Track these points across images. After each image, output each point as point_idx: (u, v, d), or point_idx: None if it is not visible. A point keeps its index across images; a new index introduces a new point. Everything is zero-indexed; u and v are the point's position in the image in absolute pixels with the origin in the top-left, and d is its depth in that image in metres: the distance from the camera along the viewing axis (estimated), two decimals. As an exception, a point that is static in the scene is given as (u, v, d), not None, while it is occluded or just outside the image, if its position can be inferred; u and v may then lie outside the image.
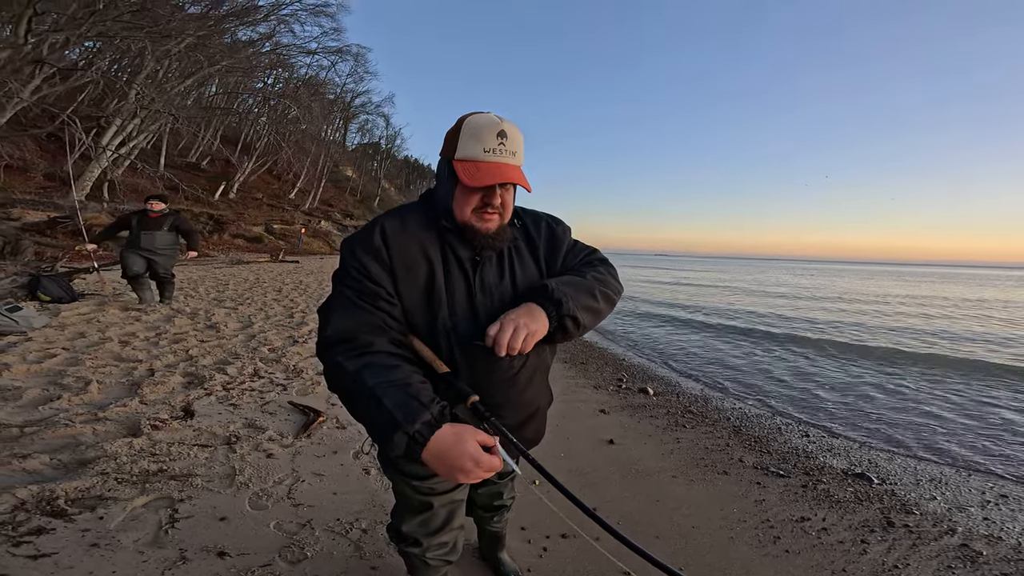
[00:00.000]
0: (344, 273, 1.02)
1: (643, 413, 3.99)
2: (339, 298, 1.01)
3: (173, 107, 17.58)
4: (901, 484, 2.93)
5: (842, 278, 42.71)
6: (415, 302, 1.02)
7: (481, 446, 0.86)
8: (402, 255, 1.01)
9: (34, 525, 1.69)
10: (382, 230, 1.02)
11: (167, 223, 6.06)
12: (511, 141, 0.99)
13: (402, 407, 0.85)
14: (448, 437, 0.84)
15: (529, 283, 1.10)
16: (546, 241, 1.17)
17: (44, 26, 11.97)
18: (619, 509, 2.37)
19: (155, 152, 21.73)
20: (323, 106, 31.15)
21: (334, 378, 0.96)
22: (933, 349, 8.52)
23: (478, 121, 0.99)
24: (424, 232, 1.05)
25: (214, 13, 18.00)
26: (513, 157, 1.00)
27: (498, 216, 1.04)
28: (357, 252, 1.01)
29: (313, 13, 22.71)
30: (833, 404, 4.93)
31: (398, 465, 1.12)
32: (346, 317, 0.98)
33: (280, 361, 4.19)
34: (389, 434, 0.85)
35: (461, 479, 0.84)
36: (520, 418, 1.15)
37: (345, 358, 0.93)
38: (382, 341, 0.97)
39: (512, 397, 1.11)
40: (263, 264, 15.74)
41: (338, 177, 43.95)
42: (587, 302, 1.06)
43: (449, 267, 1.04)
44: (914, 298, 21.53)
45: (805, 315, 13.53)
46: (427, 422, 0.85)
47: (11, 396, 2.83)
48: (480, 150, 0.97)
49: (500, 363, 1.05)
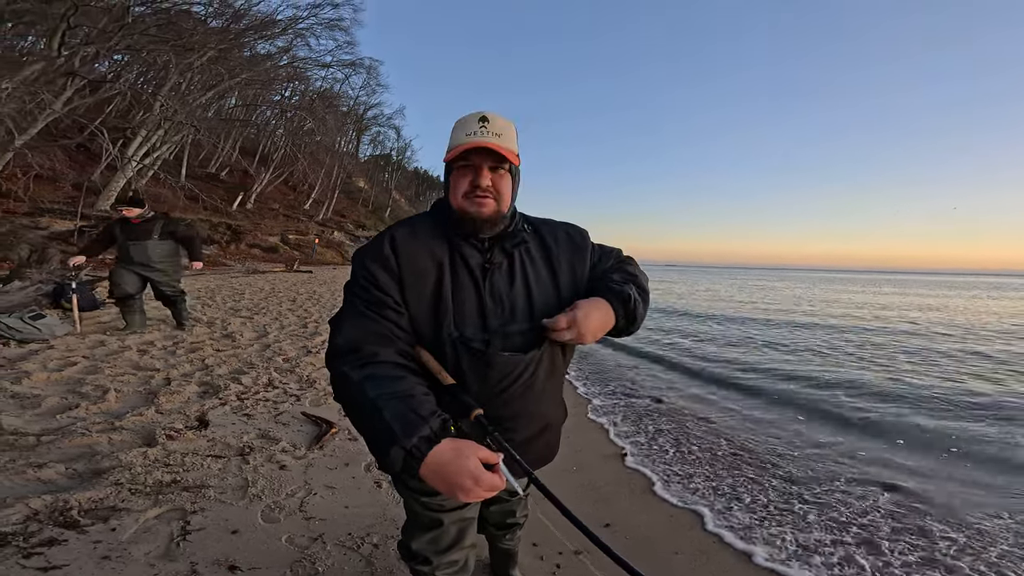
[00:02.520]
0: (354, 283, 1.03)
1: (656, 425, 3.91)
2: (349, 308, 1.01)
3: (195, 119, 18.07)
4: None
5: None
6: (422, 310, 1.01)
7: (484, 463, 0.82)
8: (411, 263, 1.01)
9: (46, 536, 1.69)
10: (392, 239, 1.03)
11: (156, 229, 5.02)
12: (493, 124, 1.02)
13: (400, 420, 0.83)
14: (447, 453, 0.81)
15: (546, 290, 1.09)
16: (565, 246, 1.15)
17: (76, 39, 12.43)
18: (632, 524, 2.31)
19: (177, 163, 22.27)
20: (337, 118, 31.76)
21: (339, 388, 0.95)
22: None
23: (464, 116, 1.06)
24: (434, 239, 1.05)
25: (235, 27, 18.55)
26: (498, 139, 1.01)
27: (492, 200, 1.03)
28: (366, 261, 1.02)
29: (328, 27, 23.27)
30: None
31: (405, 481, 1.10)
32: (354, 327, 0.98)
33: (294, 371, 4.21)
34: (386, 448, 0.83)
35: (461, 497, 0.80)
36: (531, 432, 1.11)
37: (350, 368, 0.93)
38: (388, 352, 0.95)
39: (522, 410, 1.07)
40: (278, 274, 15.94)
41: (350, 188, 44.61)
42: (643, 297, 1.12)
43: (458, 273, 1.03)
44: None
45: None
46: (425, 436, 0.82)
47: (30, 404, 2.87)
48: (463, 135, 1.02)
49: (508, 373, 1.02)
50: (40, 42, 13.27)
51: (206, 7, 17.41)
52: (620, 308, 1.05)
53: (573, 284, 1.12)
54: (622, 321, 1.06)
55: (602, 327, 1.03)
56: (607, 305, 1.04)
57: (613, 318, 1.04)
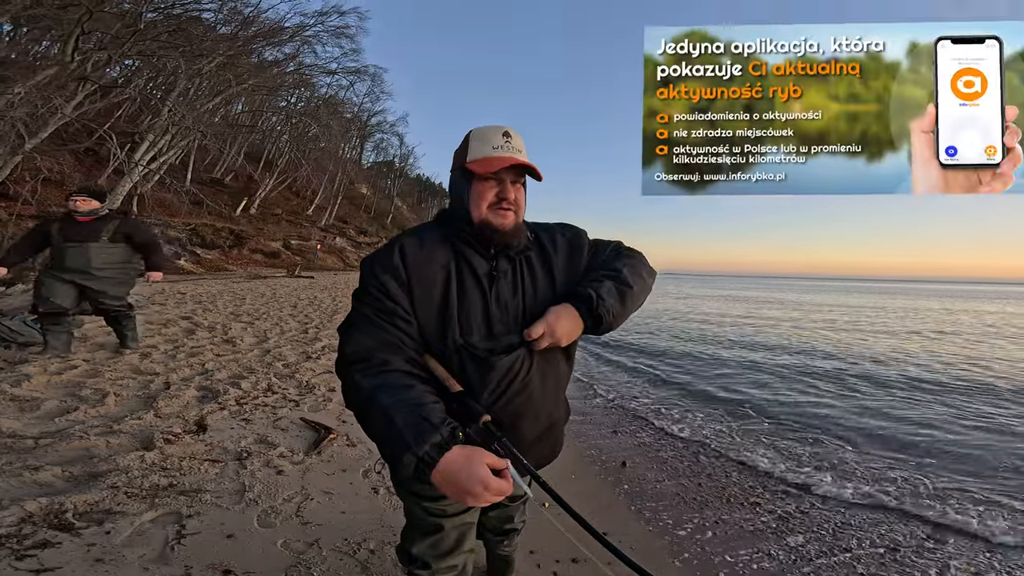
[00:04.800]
0: (363, 291, 1.05)
1: (657, 435, 3.89)
2: (358, 316, 1.03)
3: (202, 124, 18.22)
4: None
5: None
6: (429, 317, 1.04)
7: (492, 469, 0.85)
8: (420, 272, 1.04)
9: (40, 538, 1.68)
10: (401, 248, 1.05)
11: (107, 229, 3.99)
12: (516, 140, 1.08)
13: (412, 427, 0.86)
14: (458, 460, 0.84)
15: (547, 295, 1.12)
16: (563, 251, 1.18)
17: (89, 44, 12.60)
18: (630, 532, 2.29)
19: (182, 167, 22.45)
20: (341, 124, 31.98)
21: (350, 396, 0.98)
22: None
23: (483, 128, 1.09)
24: (440, 248, 1.08)
25: (243, 34, 18.74)
26: (520, 154, 1.07)
27: (513, 213, 1.07)
28: (376, 271, 1.04)
29: (334, 35, 23.42)
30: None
31: (409, 485, 1.11)
32: (364, 336, 1.00)
33: (294, 376, 4.21)
34: (399, 455, 0.86)
35: (470, 502, 0.84)
36: (537, 432, 1.14)
37: (361, 376, 0.95)
38: (398, 360, 0.98)
39: (528, 410, 1.09)
40: (279, 279, 16.00)
41: (353, 194, 44.82)
42: (619, 291, 1.12)
43: (464, 282, 1.06)
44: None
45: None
46: (437, 444, 0.85)
47: (29, 407, 2.87)
48: (489, 148, 1.06)
49: (506, 374, 1.05)
50: (54, 47, 13.42)
51: (216, 13, 17.66)
52: (584, 310, 1.08)
53: (569, 287, 1.16)
54: (589, 321, 1.08)
55: (573, 328, 1.07)
56: (573, 310, 1.08)
57: (580, 321, 1.08)
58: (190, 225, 18.63)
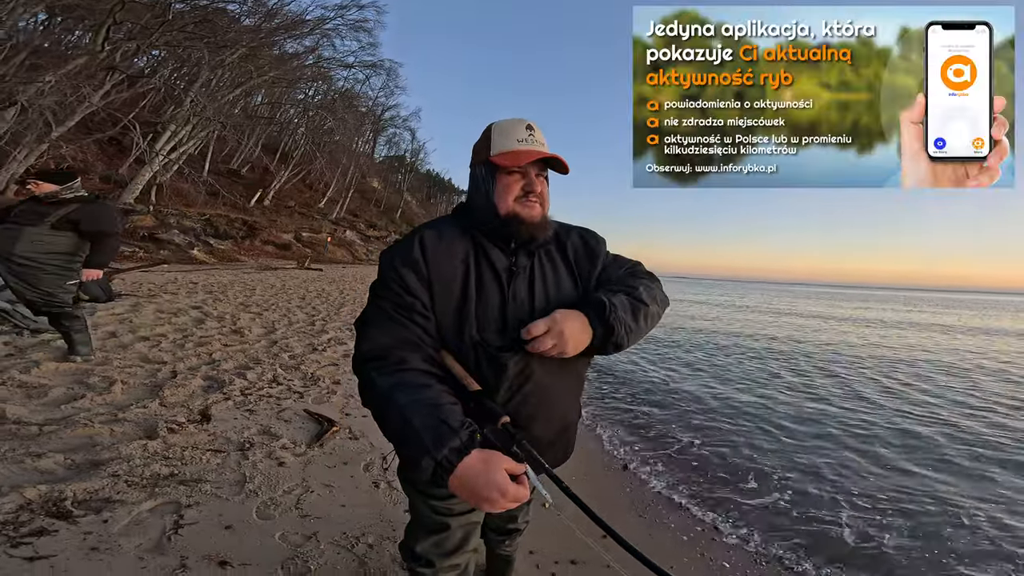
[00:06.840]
0: (382, 285, 1.03)
1: (661, 438, 3.83)
2: (376, 311, 1.01)
3: (223, 115, 18.42)
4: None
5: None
6: (447, 311, 1.01)
7: (510, 474, 0.84)
8: (438, 266, 1.02)
9: (36, 526, 1.68)
10: (421, 241, 1.03)
11: (56, 215, 3.34)
12: (538, 133, 1.08)
13: (431, 430, 0.84)
14: (476, 465, 0.83)
15: (565, 294, 1.09)
16: (579, 252, 1.16)
17: (119, 34, 12.82)
18: (631, 536, 2.25)
19: (201, 158, 22.72)
20: (356, 118, 32.13)
21: (367, 395, 0.97)
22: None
23: (505, 122, 1.08)
24: (459, 241, 1.06)
25: (266, 25, 18.90)
26: (544, 147, 1.07)
27: (539, 205, 1.07)
28: (396, 264, 1.01)
29: (353, 28, 23.54)
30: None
31: (415, 482, 1.10)
32: (381, 332, 0.98)
33: (299, 368, 4.21)
34: (417, 458, 0.84)
35: (486, 508, 0.83)
36: (552, 432, 1.11)
37: (378, 374, 0.94)
38: (415, 358, 0.96)
39: (543, 411, 1.07)
40: (289, 271, 16.15)
41: (364, 188, 45.04)
42: (633, 307, 1.07)
43: (482, 276, 1.04)
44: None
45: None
46: (456, 448, 0.84)
47: (36, 394, 2.89)
48: (514, 141, 1.05)
49: (531, 374, 1.02)
50: (86, 37, 13.63)
51: (241, 5, 17.80)
52: (595, 317, 1.01)
53: (584, 288, 1.14)
54: (599, 330, 1.01)
55: (580, 333, 1.00)
56: (582, 315, 1.01)
57: (589, 329, 1.01)
58: (205, 215, 18.84)
